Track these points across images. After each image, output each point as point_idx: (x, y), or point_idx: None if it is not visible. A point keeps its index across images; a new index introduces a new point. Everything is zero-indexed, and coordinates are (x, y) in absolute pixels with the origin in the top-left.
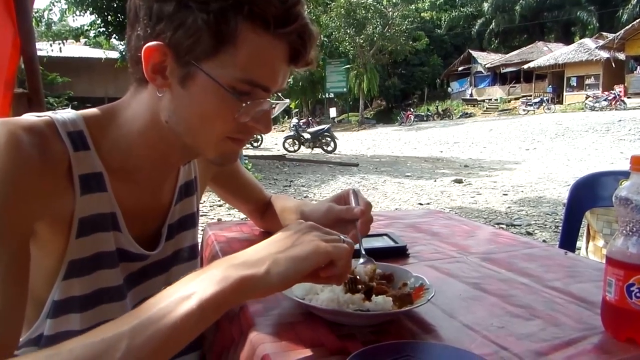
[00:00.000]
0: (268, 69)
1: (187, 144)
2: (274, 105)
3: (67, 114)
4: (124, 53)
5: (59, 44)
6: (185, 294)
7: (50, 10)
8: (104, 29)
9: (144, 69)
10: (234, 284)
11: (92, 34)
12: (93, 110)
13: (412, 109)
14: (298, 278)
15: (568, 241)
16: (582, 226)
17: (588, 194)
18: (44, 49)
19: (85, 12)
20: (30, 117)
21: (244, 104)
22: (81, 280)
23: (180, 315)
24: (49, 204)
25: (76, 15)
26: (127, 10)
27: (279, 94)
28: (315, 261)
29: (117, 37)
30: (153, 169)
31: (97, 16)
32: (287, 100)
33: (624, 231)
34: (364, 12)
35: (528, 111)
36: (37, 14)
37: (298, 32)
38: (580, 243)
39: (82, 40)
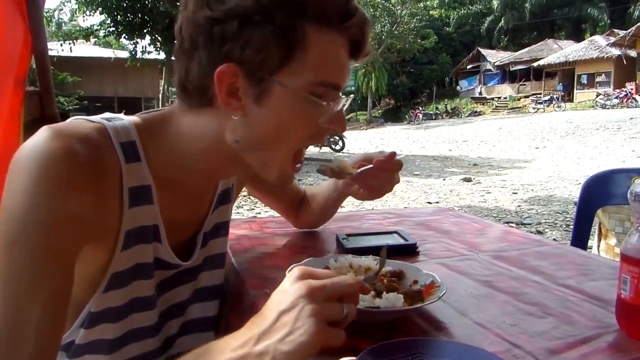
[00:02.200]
0: (337, 66)
1: (252, 163)
2: (344, 103)
3: (119, 121)
4: (133, 52)
5: (70, 43)
6: None
7: (61, 10)
8: (114, 29)
9: (219, 94)
10: None
11: (102, 33)
12: (144, 118)
13: (420, 108)
14: None
15: (579, 240)
16: (593, 225)
17: (600, 191)
18: (55, 48)
19: (95, 12)
20: (83, 125)
21: (326, 107)
22: (118, 292)
23: None
24: (98, 223)
25: (86, 15)
26: (179, 41)
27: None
28: (315, 348)
29: (126, 37)
30: (203, 181)
31: (106, 16)
32: (352, 96)
33: None
34: (372, 10)
35: (538, 109)
36: (47, 14)
37: (359, 25)
38: (592, 242)
39: (92, 40)
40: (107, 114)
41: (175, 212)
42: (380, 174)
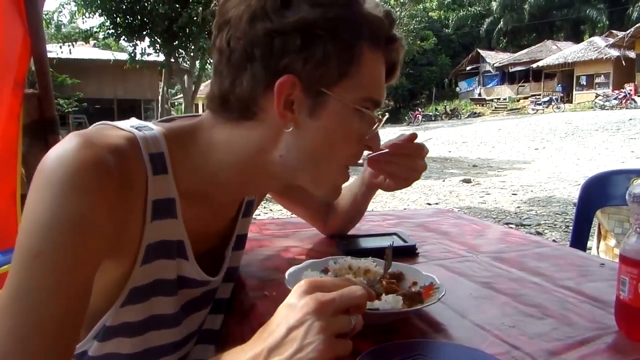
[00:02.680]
0: (381, 84)
1: (301, 178)
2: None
3: (149, 130)
4: (133, 54)
5: (69, 45)
6: None
7: (60, 12)
8: (113, 31)
9: (276, 106)
10: None
11: (101, 35)
12: (171, 128)
13: (420, 109)
14: None
15: (579, 241)
16: (592, 225)
17: (599, 192)
18: (54, 50)
19: (95, 14)
20: (113, 134)
21: (377, 122)
22: (135, 307)
23: None
24: (120, 234)
25: (85, 17)
26: (225, 54)
27: None
28: None
29: (125, 39)
30: (231, 195)
31: (106, 18)
32: (387, 115)
33: (638, 229)
34: None
35: (537, 110)
36: (46, 16)
37: (398, 49)
38: (591, 243)
39: (92, 42)
40: (135, 121)
41: (199, 226)
42: (399, 160)
